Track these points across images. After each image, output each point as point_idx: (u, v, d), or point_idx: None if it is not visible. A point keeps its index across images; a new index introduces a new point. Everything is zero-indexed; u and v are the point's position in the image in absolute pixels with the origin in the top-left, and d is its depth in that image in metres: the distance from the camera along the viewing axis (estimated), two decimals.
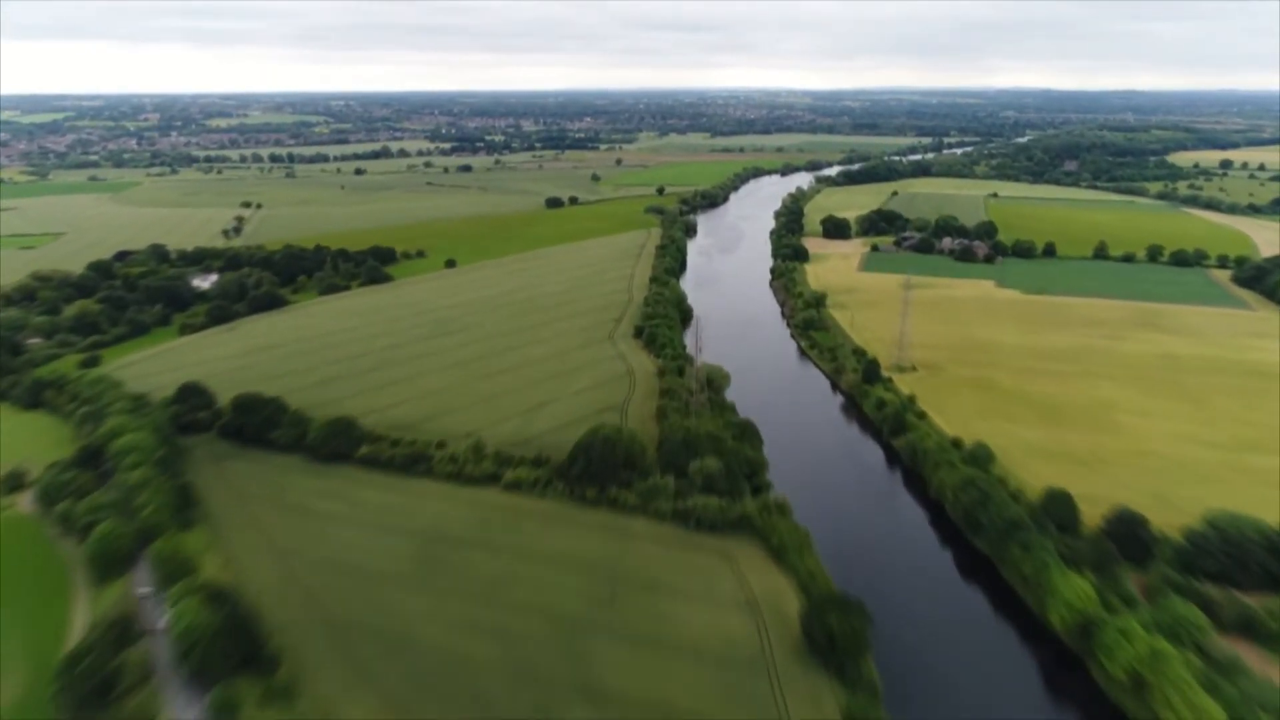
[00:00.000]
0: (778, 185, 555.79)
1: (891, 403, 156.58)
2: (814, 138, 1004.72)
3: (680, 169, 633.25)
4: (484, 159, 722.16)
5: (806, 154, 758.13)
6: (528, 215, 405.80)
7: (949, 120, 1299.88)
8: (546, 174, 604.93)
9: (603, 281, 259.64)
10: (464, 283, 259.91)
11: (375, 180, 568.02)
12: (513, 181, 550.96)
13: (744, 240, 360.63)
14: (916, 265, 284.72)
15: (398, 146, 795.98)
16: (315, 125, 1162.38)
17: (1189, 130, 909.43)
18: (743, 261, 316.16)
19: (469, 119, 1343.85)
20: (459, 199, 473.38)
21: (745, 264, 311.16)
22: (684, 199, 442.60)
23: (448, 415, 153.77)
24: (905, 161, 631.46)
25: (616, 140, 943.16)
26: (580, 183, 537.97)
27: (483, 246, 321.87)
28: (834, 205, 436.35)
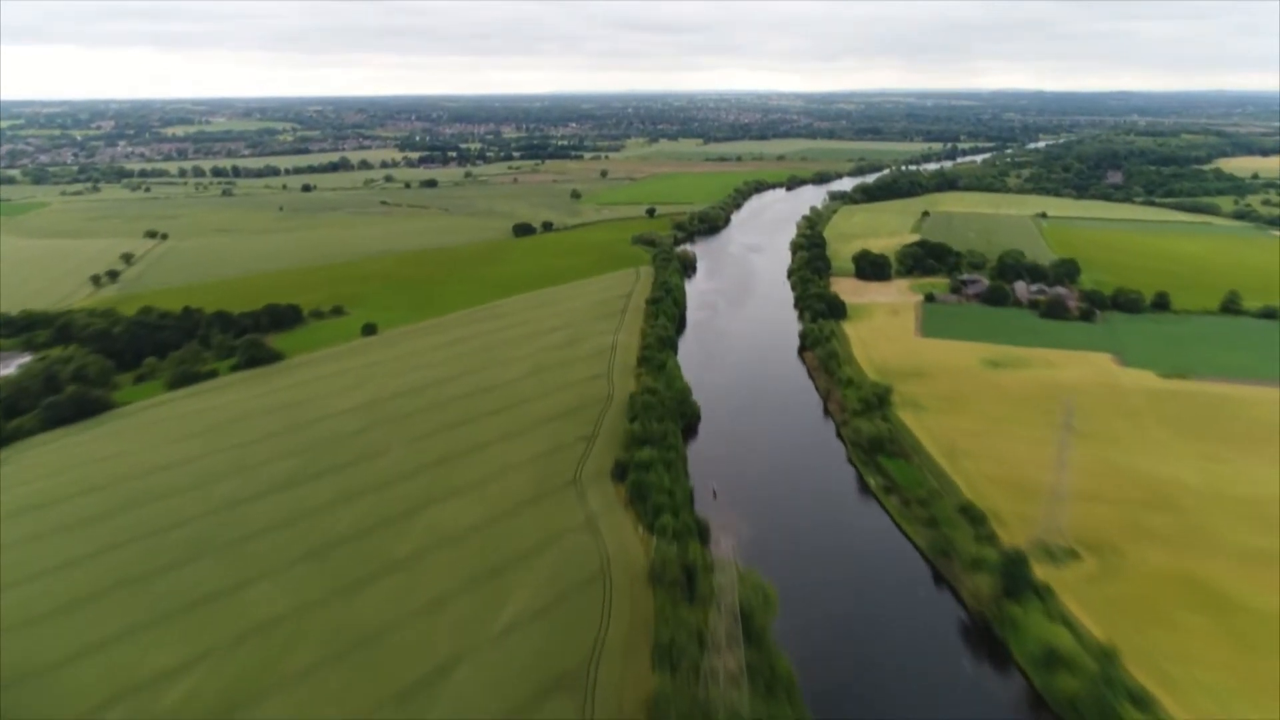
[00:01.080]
0: (785, 203, 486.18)
1: (1077, 664, 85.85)
2: (814, 144, 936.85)
3: (672, 182, 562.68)
4: (454, 171, 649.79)
5: (810, 163, 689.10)
6: (490, 247, 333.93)
7: (951, 124, 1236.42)
8: (521, 190, 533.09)
9: (574, 360, 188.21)
10: (381, 364, 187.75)
11: (322, 199, 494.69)
12: (481, 199, 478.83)
13: (756, 281, 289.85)
14: (991, 324, 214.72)
15: (359, 158, 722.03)
16: (280, 133, 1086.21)
17: (1219, 134, 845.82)
18: (758, 315, 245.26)
19: (447, 125, 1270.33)
20: (413, 224, 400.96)
21: (762, 319, 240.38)
22: (678, 222, 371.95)
23: (263, 702, 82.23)
24: (925, 172, 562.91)
25: (602, 148, 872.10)
26: (558, 201, 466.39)
27: (425, 296, 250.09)
28: (857, 229, 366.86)
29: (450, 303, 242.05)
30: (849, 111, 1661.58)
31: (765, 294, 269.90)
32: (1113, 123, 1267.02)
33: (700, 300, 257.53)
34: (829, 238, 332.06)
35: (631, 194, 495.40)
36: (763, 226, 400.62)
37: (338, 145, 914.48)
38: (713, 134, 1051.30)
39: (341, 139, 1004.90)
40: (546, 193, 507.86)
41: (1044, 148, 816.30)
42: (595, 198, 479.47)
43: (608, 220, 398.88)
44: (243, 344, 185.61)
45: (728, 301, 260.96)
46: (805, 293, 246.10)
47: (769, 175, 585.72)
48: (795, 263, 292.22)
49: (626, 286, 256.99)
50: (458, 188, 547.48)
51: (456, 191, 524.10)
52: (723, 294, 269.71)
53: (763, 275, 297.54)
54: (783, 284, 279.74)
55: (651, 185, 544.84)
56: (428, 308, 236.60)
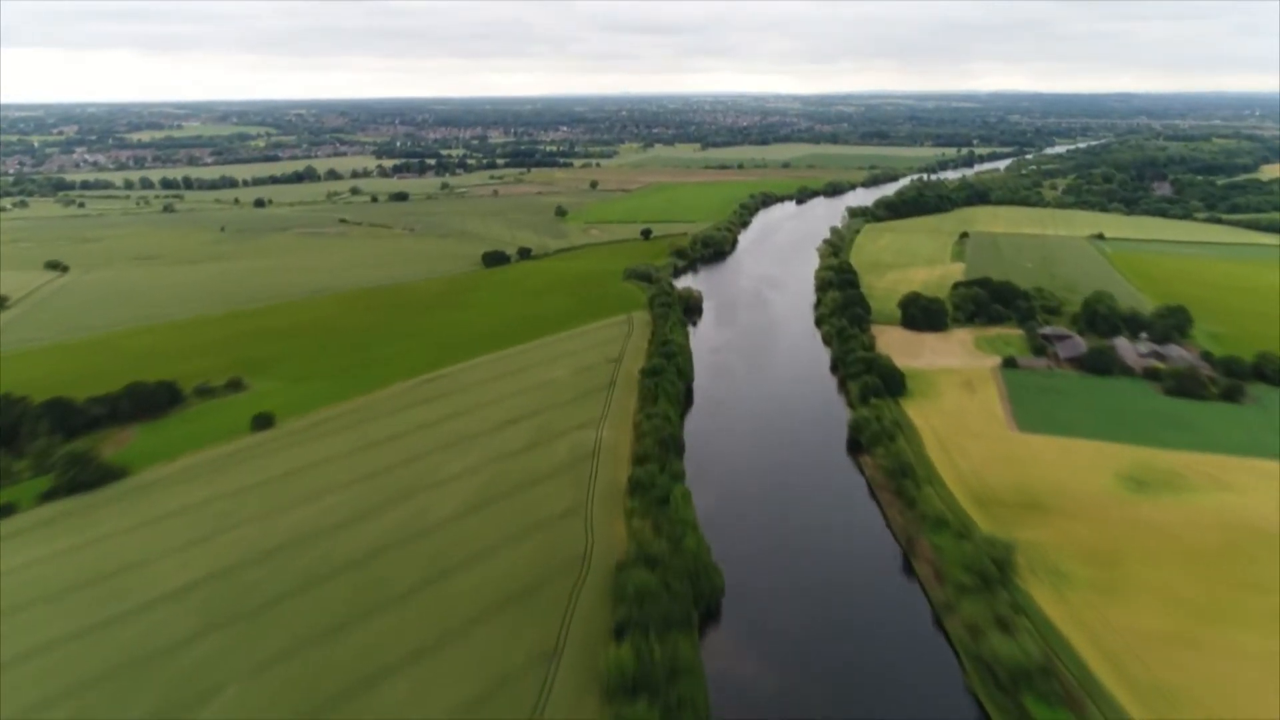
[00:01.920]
0: (798, 219, 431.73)
1: None
2: (818, 149, 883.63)
3: (669, 194, 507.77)
4: (430, 181, 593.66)
5: (818, 170, 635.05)
6: (452, 283, 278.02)
7: (957, 127, 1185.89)
8: (500, 205, 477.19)
9: (540, 476, 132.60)
10: (262, 488, 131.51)
11: (274, 216, 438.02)
12: (453, 217, 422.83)
13: (776, 330, 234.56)
14: (1106, 406, 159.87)
15: (328, 166, 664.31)
16: (254, 138, 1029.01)
17: (1251, 138, 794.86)
18: (787, 385, 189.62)
19: (432, 129, 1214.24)
20: (369, 248, 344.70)
21: (792, 392, 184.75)
22: (678, 248, 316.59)
23: None
24: (950, 183, 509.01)
25: (594, 154, 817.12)
26: (540, 219, 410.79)
27: (358, 359, 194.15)
28: (888, 254, 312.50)
29: (388, 369, 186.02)
30: (849, 114, 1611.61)
31: (791, 350, 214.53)
32: (1125, 126, 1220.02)
33: (709, 361, 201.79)
34: (857, 266, 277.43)
35: (624, 210, 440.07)
36: (776, 251, 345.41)
37: (311, 151, 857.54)
38: (710, 138, 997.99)
39: (318, 145, 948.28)
40: (528, 208, 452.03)
41: (1065, 153, 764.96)
42: (583, 214, 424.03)
43: (596, 244, 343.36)
44: (60, 458, 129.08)
45: (744, 361, 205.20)
46: (846, 353, 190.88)
47: (775, 186, 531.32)
48: (825, 305, 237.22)
49: (616, 344, 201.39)
50: (430, 202, 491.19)
51: (428, 207, 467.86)
52: (737, 350, 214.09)
53: (784, 321, 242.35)
54: (811, 335, 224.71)
55: (646, 198, 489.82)
56: (357, 378, 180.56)
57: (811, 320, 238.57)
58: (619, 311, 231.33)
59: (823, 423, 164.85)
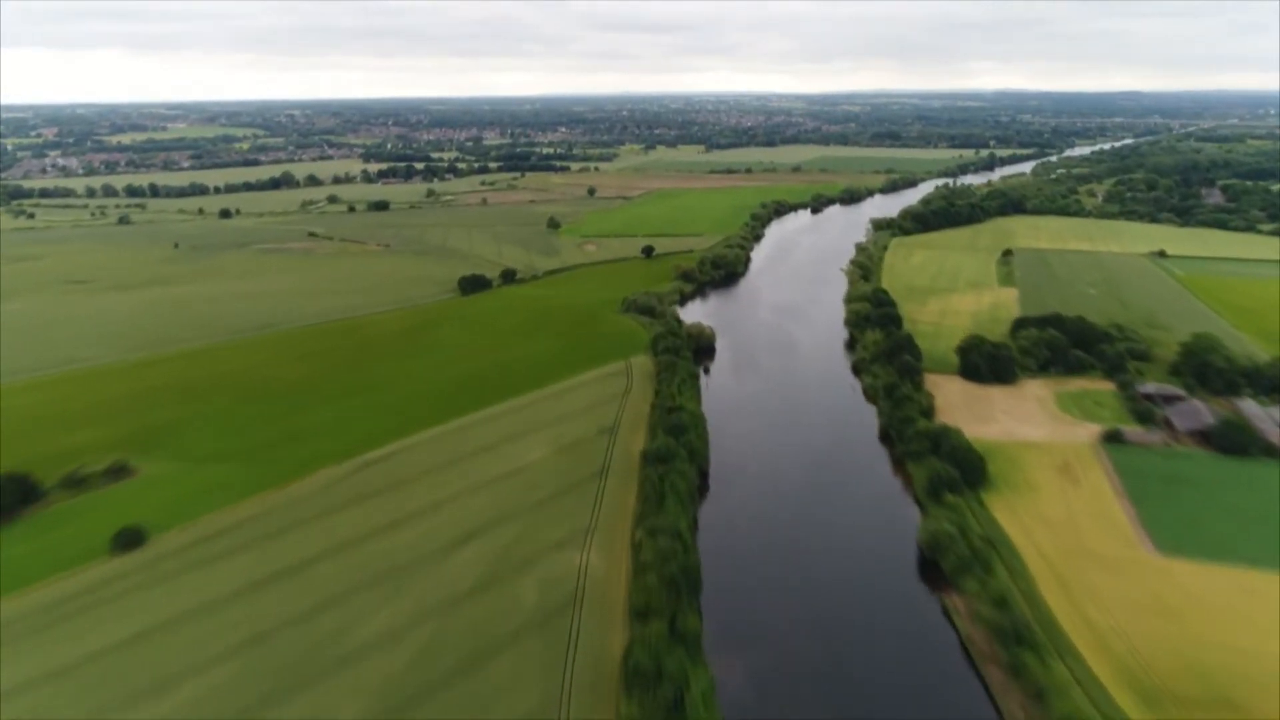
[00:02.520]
0: (815, 232, 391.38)
1: None
2: (828, 151, 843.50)
3: (673, 201, 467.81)
4: (416, 187, 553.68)
5: (831, 175, 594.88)
6: (421, 316, 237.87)
7: (967, 127, 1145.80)
8: (489, 215, 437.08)
9: (494, 645, 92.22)
10: (96, 660, 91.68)
11: (237, 229, 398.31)
12: (434, 230, 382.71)
13: (805, 378, 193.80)
14: (1262, 506, 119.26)
15: (309, 171, 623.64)
16: (240, 140, 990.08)
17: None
18: (824, 456, 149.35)
19: (426, 130, 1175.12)
20: (334, 269, 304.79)
21: (832, 466, 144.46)
22: (684, 270, 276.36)
23: None
24: (980, 190, 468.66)
25: (592, 157, 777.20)
26: (530, 233, 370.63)
27: (283, 429, 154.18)
28: (925, 276, 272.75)
29: (318, 445, 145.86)
30: (856, 114, 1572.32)
31: (827, 408, 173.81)
32: (1142, 126, 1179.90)
33: (725, 427, 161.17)
34: (892, 291, 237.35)
35: (624, 221, 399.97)
36: (796, 271, 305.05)
37: (296, 155, 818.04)
38: (714, 140, 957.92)
39: (305, 147, 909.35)
40: (519, 219, 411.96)
41: (1091, 155, 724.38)
42: (579, 226, 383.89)
43: (591, 265, 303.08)
44: None
45: (770, 426, 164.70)
46: (901, 421, 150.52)
47: (787, 192, 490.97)
48: (865, 347, 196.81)
49: (611, 406, 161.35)
50: (412, 212, 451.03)
51: (409, 217, 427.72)
52: (759, 408, 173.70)
53: (814, 366, 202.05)
54: (849, 386, 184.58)
55: (648, 207, 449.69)
56: (277, 459, 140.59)
57: (846, 364, 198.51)
58: (615, 357, 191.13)
59: (883, 528, 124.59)
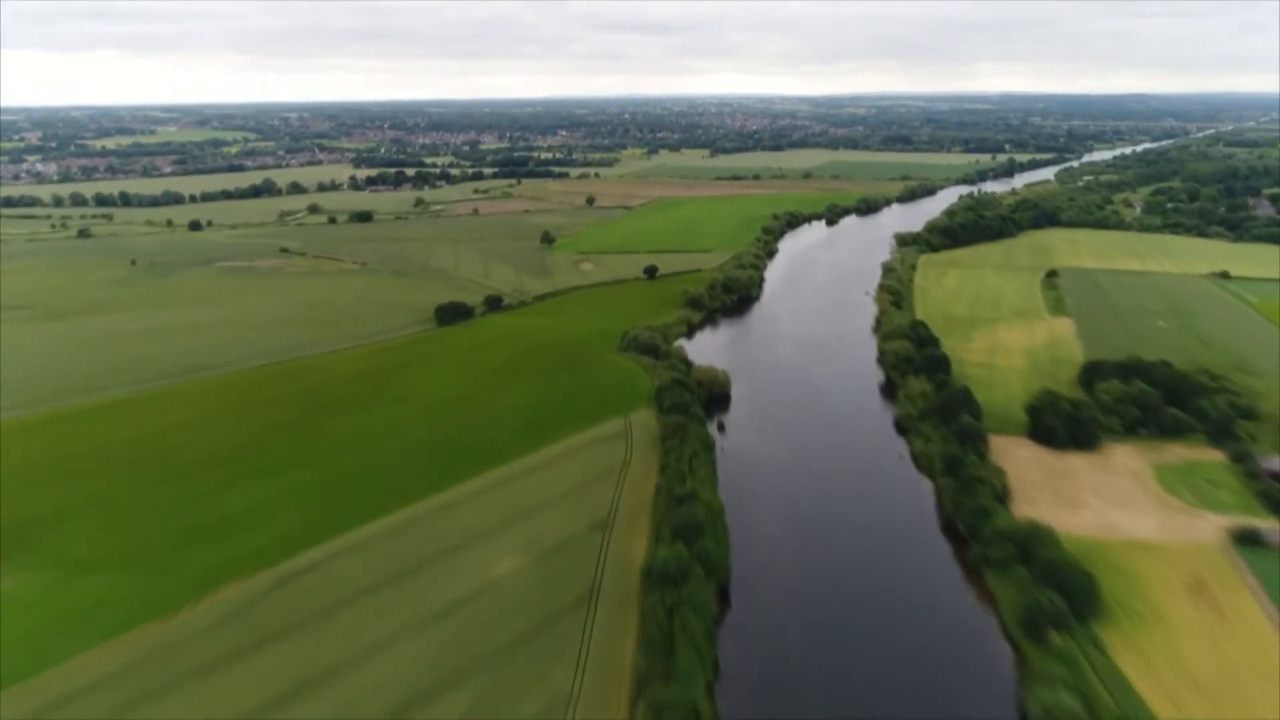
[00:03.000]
0: (833, 249, 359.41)
1: None
2: (837, 155, 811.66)
3: (677, 211, 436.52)
4: (405, 195, 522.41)
5: (844, 182, 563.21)
6: (385, 354, 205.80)
7: (978, 130, 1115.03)
8: (479, 227, 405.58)
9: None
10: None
11: (204, 244, 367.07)
12: (418, 246, 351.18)
13: (836, 435, 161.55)
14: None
15: (294, 178, 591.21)
16: (229, 144, 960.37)
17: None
18: (874, 560, 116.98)
19: (422, 134, 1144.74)
20: (299, 292, 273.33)
21: (886, 571, 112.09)
22: (692, 297, 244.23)
23: None
24: (1007, 200, 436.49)
25: (593, 162, 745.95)
26: (522, 249, 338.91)
27: (188, 520, 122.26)
28: (962, 302, 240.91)
29: (228, 547, 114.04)
30: (863, 117, 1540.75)
31: (870, 484, 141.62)
32: (1159, 129, 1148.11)
33: (746, 512, 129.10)
34: (930, 322, 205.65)
35: (624, 234, 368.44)
36: (816, 295, 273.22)
37: (285, 159, 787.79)
38: (719, 144, 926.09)
39: (296, 151, 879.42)
40: (511, 232, 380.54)
41: (1114, 161, 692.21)
42: (575, 241, 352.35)
43: (588, 289, 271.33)
44: None
45: (799, 507, 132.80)
46: (972, 514, 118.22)
47: (799, 201, 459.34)
48: (910, 398, 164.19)
49: (605, 486, 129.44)
50: (397, 224, 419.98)
51: (393, 230, 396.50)
52: (788, 485, 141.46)
53: (847, 417, 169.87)
54: (892, 448, 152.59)
55: (651, 218, 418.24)
56: (173, 568, 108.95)
57: (886, 417, 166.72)
58: (612, 412, 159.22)
59: (966, 684, 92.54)
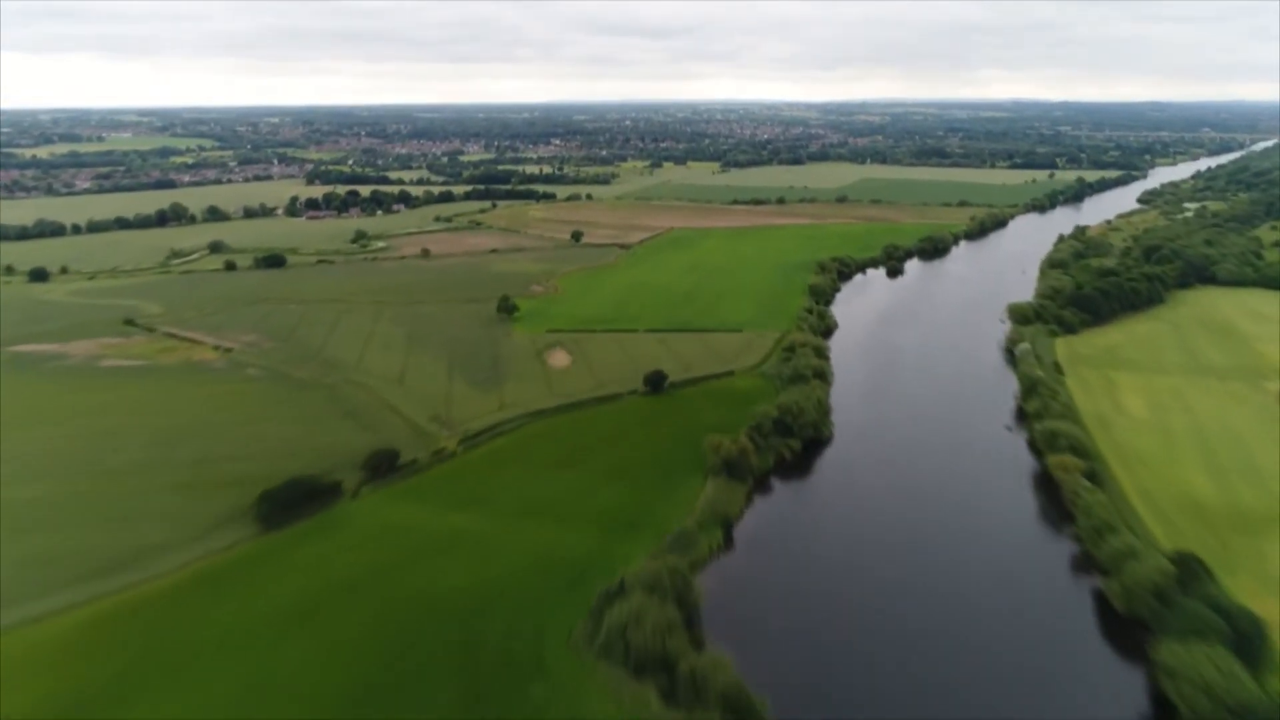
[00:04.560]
0: (909, 317, 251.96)
1: None
2: (866, 171, 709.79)
3: (689, 252, 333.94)
4: (346, 225, 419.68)
5: (886, 208, 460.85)
6: (116, 631, 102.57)
7: (1011, 141, 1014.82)
8: (420, 279, 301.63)
9: None
10: None
11: (27, 308, 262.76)
12: (322, 317, 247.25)
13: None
14: None
15: (212, 201, 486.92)
16: (182, 153, 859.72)
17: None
18: None
19: (401, 142, 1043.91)
20: (97, 417, 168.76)
21: None
22: (728, 454, 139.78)
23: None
24: (1118, 241, 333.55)
25: (587, 179, 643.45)
26: (469, 325, 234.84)
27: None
28: (1174, 449, 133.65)
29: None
30: (879, 125, 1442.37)
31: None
32: (1214, 141, 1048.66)
33: None
34: (1148, 513, 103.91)
35: (617, 294, 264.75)
36: (919, 429, 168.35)
37: (230, 174, 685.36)
38: (731, 156, 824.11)
39: (250, 163, 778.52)
40: (462, 288, 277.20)
41: (1194, 179, 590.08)
42: (548, 310, 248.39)
43: (552, 415, 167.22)
44: None
45: None
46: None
47: (842, 237, 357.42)
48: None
49: None
50: (319, 271, 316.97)
51: (304, 285, 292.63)
52: None
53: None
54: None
55: (654, 265, 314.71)
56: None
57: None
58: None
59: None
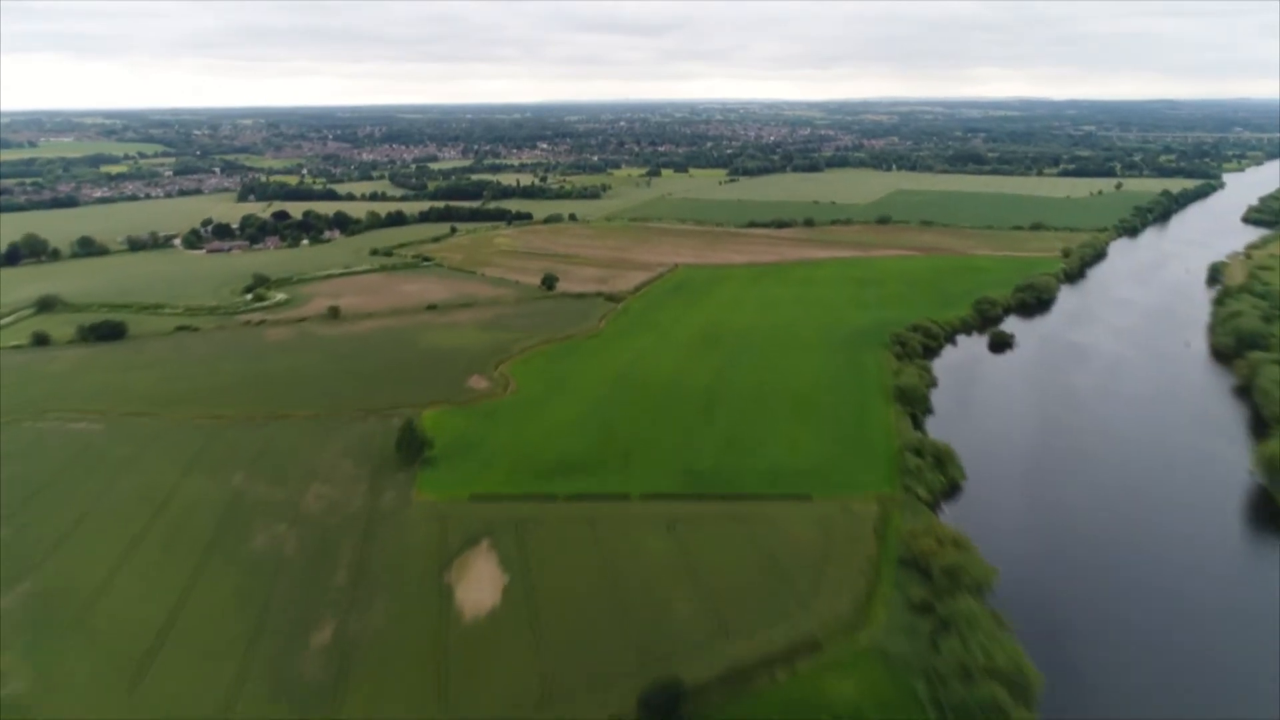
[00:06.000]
0: (1077, 467, 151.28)
1: None
2: (894, 179, 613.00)
3: (700, 309, 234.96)
4: (257, 260, 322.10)
5: (942, 231, 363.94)
6: None
7: (1038, 143, 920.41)
8: (319, 353, 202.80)
9: None
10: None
11: None
12: (120, 434, 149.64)
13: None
14: None
15: (104, 225, 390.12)
16: (118, 160, 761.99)
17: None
18: None
19: (373, 147, 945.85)
20: None
21: None
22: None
23: None
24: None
25: (571, 192, 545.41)
26: (368, 428, 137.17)
27: None
28: None
29: None
30: (891, 126, 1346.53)
31: None
32: (1270, 142, 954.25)
33: None
34: None
35: (593, 412, 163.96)
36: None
37: (145, 191, 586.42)
38: (738, 162, 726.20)
39: (189, 172, 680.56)
40: (357, 387, 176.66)
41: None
42: (476, 446, 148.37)
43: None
44: None
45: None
46: None
47: (901, 278, 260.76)
48: None
49: None
50: (161, 347, 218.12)
51: (117, 376, 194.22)
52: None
53: None
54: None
55: (653, 339, 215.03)
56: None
57: None
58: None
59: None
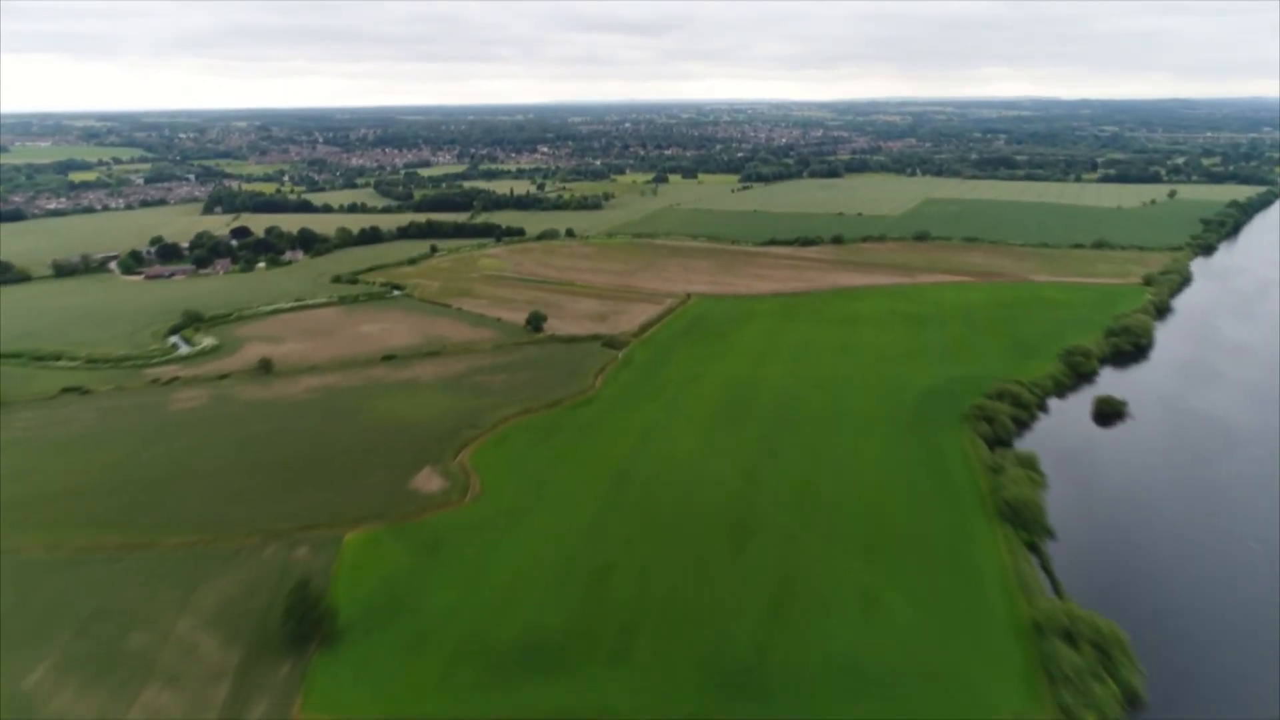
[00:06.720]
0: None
1: None
2: (922, 186, 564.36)
3: (720, 360, 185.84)
4: (208, 283, 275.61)
5: (990, 251, 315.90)
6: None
7: (1061, 145, 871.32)
8: (231, 436, 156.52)
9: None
10: None
11: None
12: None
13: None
14: None
15: (37, 243, 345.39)
16: (92, 165, 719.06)
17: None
18: None
19: (364, 151, 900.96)
20: None
21: None
22: None
23: None
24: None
25: (571, 203, 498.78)
26: (256, 576, 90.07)
27: None
28: None
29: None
30: (905, 128, 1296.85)
31: None
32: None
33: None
34: None
35: (581, 544, 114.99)
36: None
37: (104, 202, 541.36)
38: (751, 167, 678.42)
39: (160, 180, 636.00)
40: (258, 505, 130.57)
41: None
42: (410, 612, 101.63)
43: None
44: None
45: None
46: None
47: (963, 317, 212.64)
48: None
49: None
50: (47, 419, 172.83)
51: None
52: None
53: None
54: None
55: (663, 407, 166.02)
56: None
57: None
58: None
59: None
